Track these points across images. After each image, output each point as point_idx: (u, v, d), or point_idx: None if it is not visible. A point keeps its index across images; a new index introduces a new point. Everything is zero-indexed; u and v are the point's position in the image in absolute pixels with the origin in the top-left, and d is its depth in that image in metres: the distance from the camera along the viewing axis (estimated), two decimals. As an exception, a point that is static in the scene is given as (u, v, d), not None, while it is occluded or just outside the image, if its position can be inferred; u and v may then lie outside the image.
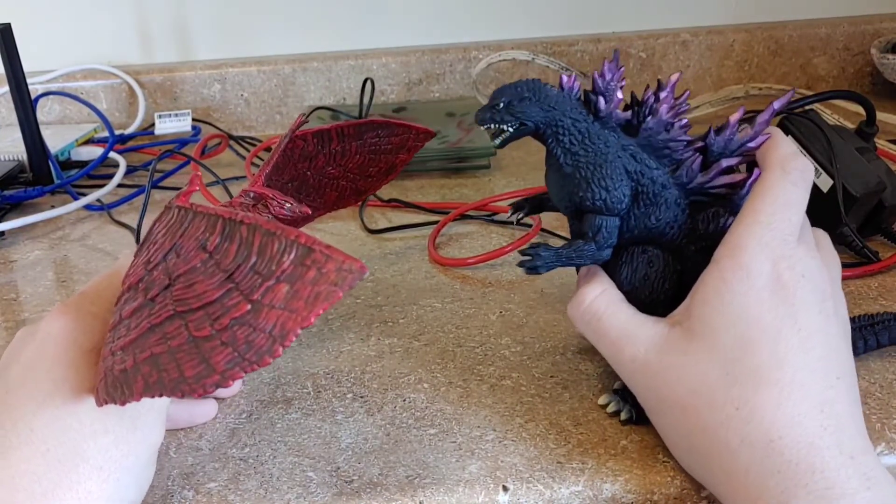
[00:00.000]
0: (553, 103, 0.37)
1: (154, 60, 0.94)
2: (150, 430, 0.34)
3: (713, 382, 0.32)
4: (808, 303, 0.32)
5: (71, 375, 0.33)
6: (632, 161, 0.37)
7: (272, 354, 0.27)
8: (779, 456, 0.30)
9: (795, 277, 0.32)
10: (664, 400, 0.34)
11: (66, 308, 0.35)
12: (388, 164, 0.53)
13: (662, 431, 0.36)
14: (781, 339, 0.32)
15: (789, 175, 0.34)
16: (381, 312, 0.50)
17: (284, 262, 0.28)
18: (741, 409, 0.31)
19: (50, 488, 0.30)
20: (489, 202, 0.64)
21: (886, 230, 0.54)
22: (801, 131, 0.53)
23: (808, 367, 0.31)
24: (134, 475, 0.33)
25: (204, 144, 0.79)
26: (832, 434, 0.30)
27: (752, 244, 0.33)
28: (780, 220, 0.33)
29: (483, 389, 0.42)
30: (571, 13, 0.95)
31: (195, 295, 0.30)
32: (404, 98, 0.92)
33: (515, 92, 0.37)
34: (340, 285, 0.27)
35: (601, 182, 0.36)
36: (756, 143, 0.36)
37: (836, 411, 0.31)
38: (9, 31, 0.68)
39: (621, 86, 0.37)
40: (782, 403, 0.31)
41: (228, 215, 0.31)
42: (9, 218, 0.66)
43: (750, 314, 0.32)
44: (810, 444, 0.30)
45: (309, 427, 0.39)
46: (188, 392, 0.28)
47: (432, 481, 0.35)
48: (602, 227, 0.37)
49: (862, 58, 0.94)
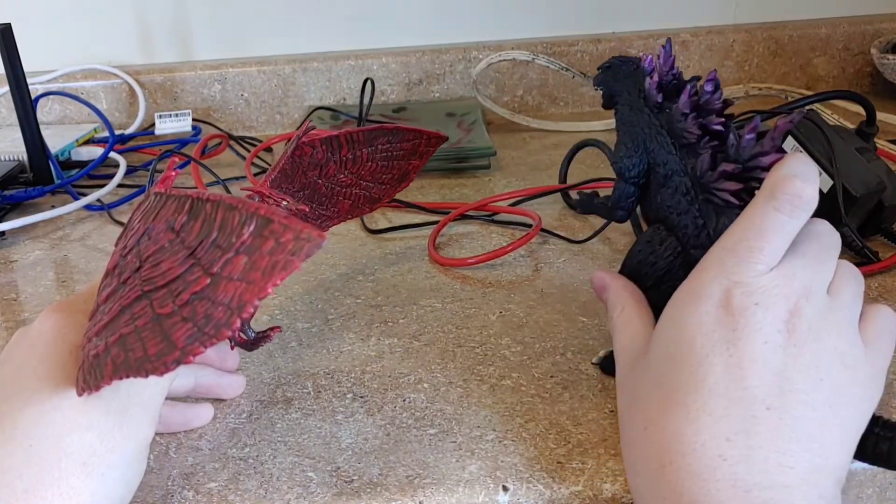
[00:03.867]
0: (622, 76, 0.42)
1: (154, 60, 0.94)
2: (137, 426, 0.33)
3: (638, 399, 0.33)
4: (752, 332, 0.30)
5: (57, 371, 0.33)
6: (653, 140, 0.39)
7: (229, 326, 0.27)
8: (666, 484, 0.30)
9: (746, 304, 0.31)
10: (618, 405, 0.36)
11: (59, 307, 0.36)
12: (402, 170, 0.53)
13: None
14: (706, 364, 0.31)
15: (775, 200, 0.32)
16: (381, 312, 0.50)
17: (244, 234, 0.28)
18: (647, 430, 0.31)
19: (32, 484, 0.30)
20: (489, 202, 0.64)
21: (886, 230, 0.54)
22: (801, 131, 0.53)
23: (727, 395, 0.30)
24: (120, 471, 0.32)
25: (204, 144, 0.79)
26: (732, 466, 0.29)
27: (712, 266, 0.32)
28: (747, 246, 0.32)
29: (483, 389, 0.42)
30: (571, 13, 0.95)
31: (160, 273, 0.30)
32: (404, 98, 0.92)
33: (609, 62, 0.43)
34: (298, 254, 0.27)
35: (621, 148, 0.41)
36: (767, 160, 0.35)
37: (750, 443, 0.29)
38: (9, 31, 0.68)
39: (671, 71, 0.40)
40: (684, 429, 0.30)
41: (196, 195, 0.31)
42: (9, 218, 0.66)
43: (685, 335, 0.32)
44: (698, 474, 0.29)
45: (309, 427, 0.39)
46: (152, 371, 0.28)
47: (432, 481, 0.35)
48: (617, 189, 0.42)
49: (862, 58, 0.94)
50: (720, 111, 0.37)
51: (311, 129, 0.46)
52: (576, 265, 0.55)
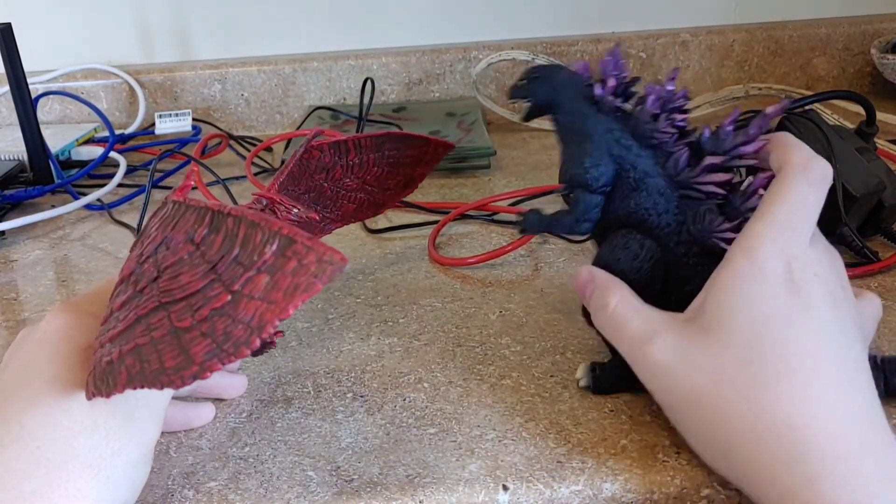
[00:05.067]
0: (559, 84, 0.40)
1: (154, 60, 0.94)
2: (143, 428, 0.33)
3: (733, 375, 0.33)
4: (820, 300, 0.33)
5: (64, 373, 0.32)
6: (616, 145, 0.38)
7: (249, 346, 0.27)
8: (801, 444, 0.31)
9: (808, 277, 0.33)
10: (685, 396, 0.34)
11: (65, 307, 0.35)
12: (407, 177, 0.53)
13: (684, 427, 0.36)
14: (798, 333, 0.32)
15: (809, 176, 0.34)
16: (381, 312, 0.50)
17: (266, 253, 0.28)
18: (762, 399, 0.32)
19: (39, 487, 0.30)
20: (489, 202, 0.64)
21: (886, 230, 0.54)
22: (801, 131, 0.53)
23: (825, 359, 0.32)
24: (126, 473, 0.32)
25: (204, 144, 0.79)
26: (852, 424, 0.31)
27: (766, 244, 0.33)
28: (794, 221, 0.34)
29: (483, 389, 0.42)
30: (571, 13, 0.95)
31: (180, 286, 0.30)
32: (404, 98, 0.92)
33: (534, 71, 0.41)
34: (320, 277, 0.27)
35: (581, 158, 0.39)
36: (753, 147, 0.36)
37: (856, 402, 0.32)
38: (9, 30, 0.68)
39: (622, 75, 0.39)
40: (804, 393, 0.31)
41: (217, 208, 0.31)
42: (9, 217, 0.66)
43: (765, 311, 0.33)
44: (832, 433, 0.30)
45: (309, 426, 0.39)
46: (167, 384, 0.28)
47: (432, 480, 0.35)
48: (580, 200, 0.39)
49: (862, 58, 0.94)
50: (683, 109, 0.38)
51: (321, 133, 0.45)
52: (576, 265, 0.55)
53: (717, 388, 0.33)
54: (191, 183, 0.36)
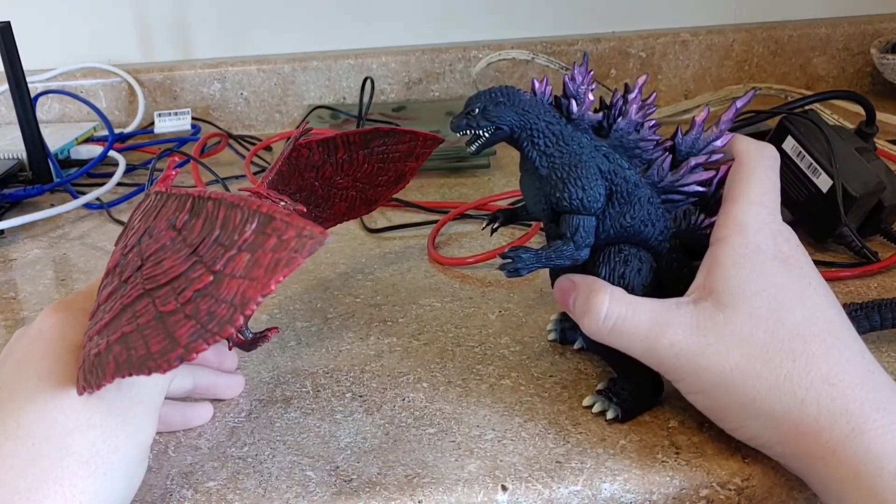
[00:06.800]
0: (527, 107, 0.37)
1: (154, 59, 0.94)
2: (139, 426, 0.33)
3: (762, 344, 0.34)
4: (809, 267, 0.36)
5: (58, 369, 0.32)
6: (605, 161, 0.37)
7: (232, 323, 0.27)
8: (842, 397, 0.32)
9: (793, 247, 0.36)
10: (716, 375, 0.34)
11: (59, 306, 0.36)
12: (398, 172, 0.53)
13: (717, 408, 0.35)
14: (807, 299, 0.35)
15: (770, 162, 0.38)
16: (381, 312, 0.50)
17: (246, 232, 0.28)
18: (797, 361, 0.33)
19: (35, 484, 0.30)
20: (488, 202, 0.64)
21: (886, 230, 0.54)
22: (801, 131, 0.53)
23: (835, 321, 0.35)
24: (122, 471, 0.32)
25: (203, 143, 0.79)
26: (878, 376, 0.33)
27: (753, 222, 0.36)
28: (767, 199, 0.37)
29: (482, 389, 0.42)
30: (571, 13, 0.95)
31: (163, 271, 0.30)
32: (404, 97, 0.92)
33: (490, 97, 0.37)
34: (301, 251, 0.27)
35: (577, 182, 0.36)
36: (722, 141, 0.38)
37: (865, 354, 0.34)
38: (8, 29, 0.68)
39: (592, 89, 0.38)
40: (830, 351, 0.33)
41: (198, 193, 0.31)
42: (8, 216, 0.66)
43: (773, 281, 0.35)
44: (865, 383, 0.33)
45: (308, 426, 0.39)
46: (154, 369, 0.28)
47: (431, 480, 0.35)
48: (580, 226, 0.37)
49: (862, 58, 0.94)
50: (650, 114, 0.38)
51: (309, 131, 0.45)
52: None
53: (752, 359, 0.34)
54: (172, 173, 0.36)
